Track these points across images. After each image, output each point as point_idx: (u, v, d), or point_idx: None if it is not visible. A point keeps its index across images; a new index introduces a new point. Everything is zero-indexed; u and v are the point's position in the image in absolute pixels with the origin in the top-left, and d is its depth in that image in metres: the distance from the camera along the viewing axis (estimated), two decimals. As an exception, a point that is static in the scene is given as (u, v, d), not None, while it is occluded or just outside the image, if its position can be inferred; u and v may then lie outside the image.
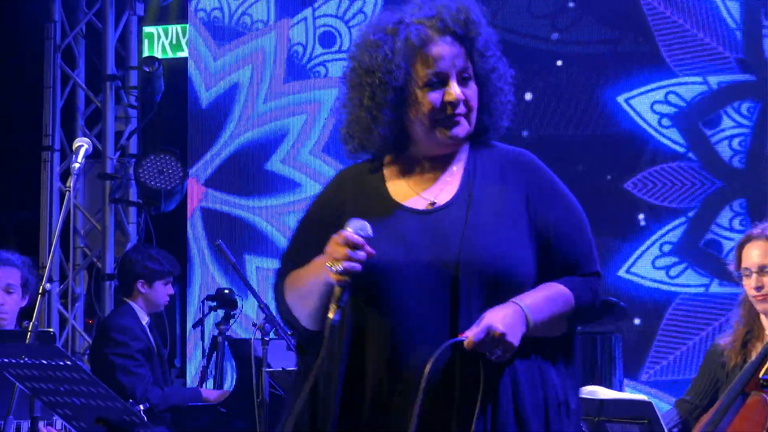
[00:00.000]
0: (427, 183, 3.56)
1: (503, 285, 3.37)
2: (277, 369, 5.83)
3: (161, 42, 9.21)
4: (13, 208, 9.17)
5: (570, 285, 3.39)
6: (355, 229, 3.30)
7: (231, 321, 7.61)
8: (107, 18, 8.86)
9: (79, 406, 4.25)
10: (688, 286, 8.31)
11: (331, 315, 3.30)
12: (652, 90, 8.40)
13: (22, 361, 4.36)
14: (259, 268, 8.99)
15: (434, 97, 3.44)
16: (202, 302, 8.38)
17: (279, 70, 8.98)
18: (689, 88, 8.33)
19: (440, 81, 3.44)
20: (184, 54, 9.14)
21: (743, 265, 5.10)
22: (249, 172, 9.03)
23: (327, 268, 3.25)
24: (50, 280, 8.07)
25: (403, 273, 3.46)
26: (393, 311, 3.44)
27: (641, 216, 8.32)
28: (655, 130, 8.38)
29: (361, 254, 3.30)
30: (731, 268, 5.43)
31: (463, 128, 3.45)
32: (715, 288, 8.13)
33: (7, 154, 9.12)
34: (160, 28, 9.17)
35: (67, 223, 8.48)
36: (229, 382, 7.81)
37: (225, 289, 7.93)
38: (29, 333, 5.31)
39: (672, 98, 8.38)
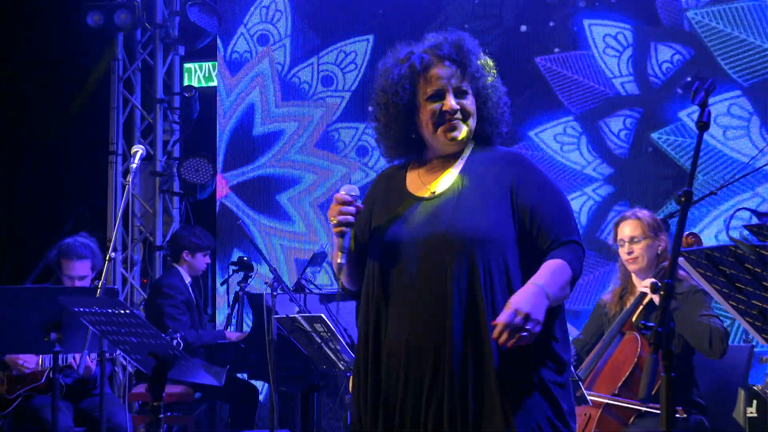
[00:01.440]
0: (434, 177, 3.57)
1: (483, 246, 3.35)
2: (282, 316, 5.84)
3: (197, 75, 9.22)
4: (88, 198, 9.14)
5: (563, 257, 3.34)
6: (345, 190, 3.44)
7: (248, 280, 7.66)
8: (157, 56, 8.84)
9: (135, 344, 4.31)
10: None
11: (338, 260, 3.48)
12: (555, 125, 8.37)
13: (93, 310, 4.40)
14: (273, 236, 9.03)
15: (434, 107, 3.47)
16: (228, 267, 8.48)
17: (278, 93, 8.99)
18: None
19: (439, 95, 3.47)
20: (214, 83, 9.16)
21: (618, 237, 5.18)
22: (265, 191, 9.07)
23: (331, 225, 3.39)
24: (114, 249, 8.06)
25: (405, 246, 3.49)
26: (402, 273, 3.45)
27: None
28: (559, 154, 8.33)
29: (351, 209, 3.44)
30: (610, 241, 5.53)
31: (459, 131, 3.49)
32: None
33: (83, 158, 9.10)
34: (196, 64, 9.17)
35: (127, 209, 8.58)
36: (247, 326, 7.80)
37: (244, 256, 8.03)
38: (99, 289, 5.39)
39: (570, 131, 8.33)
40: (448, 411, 3.27)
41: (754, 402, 6.23)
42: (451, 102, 3.43)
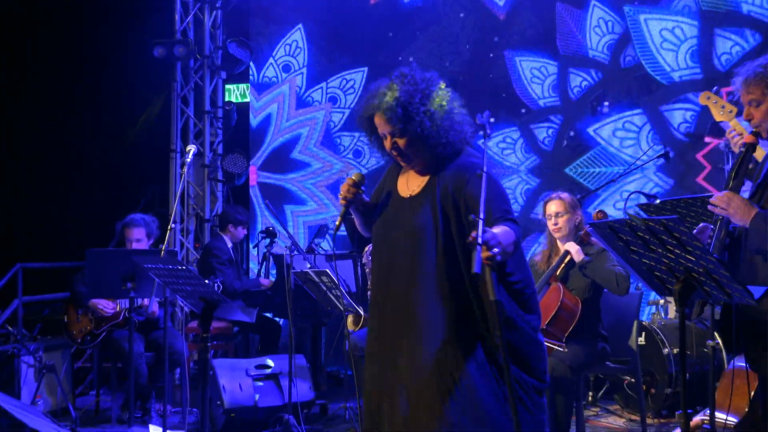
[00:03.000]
0: (414, 182, 3.50)
1: (434, 233, 3.34)
2: (297, 270, 5.83)
3: (234, 93, 9.19)
4: (155, 185, 9.15)
5: (508, 225, 3.24)
6: (356, 178, 3.50)
7: (273, 245, 7.67)
8: (205, 80, 8.80)
9: (189, 291, 4.33)
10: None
11: (337, 223, 3.54)
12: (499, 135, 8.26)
13: (158, 267, 4.41)
14: (292, 213, 9.00)
15: (386, 142, 3.43)
16: (258, 234, 8.48)
17: (292, 108, 8.97)
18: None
19: (384, 136, 3.41)
20: (247, 100, 9.12)
21: (546, 213, 5.16)
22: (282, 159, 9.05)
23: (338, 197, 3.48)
24: (174, 222, 8.07)
25: (386, 236, 3.52)
26: (382, 257, 3.51)
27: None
28: (499, 156, 8.28)
29: (353, 190, 3.46)
30: (541, 216, 5.52)
31: (405, 161, 3.46)
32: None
33: (151, 154, 9.08)
34: (233, 85, 9.15)
35: (183, 192, 8.57)
36: (272, 278, 7.80)
37: (270, 226, 8.04)
38: (162, 251, 5.40)
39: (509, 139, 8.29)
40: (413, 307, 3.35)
41: (643, 333, 6.28)
42: (386, 143, 3.38)
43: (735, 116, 4.31)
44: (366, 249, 6.09)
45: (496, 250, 2.86)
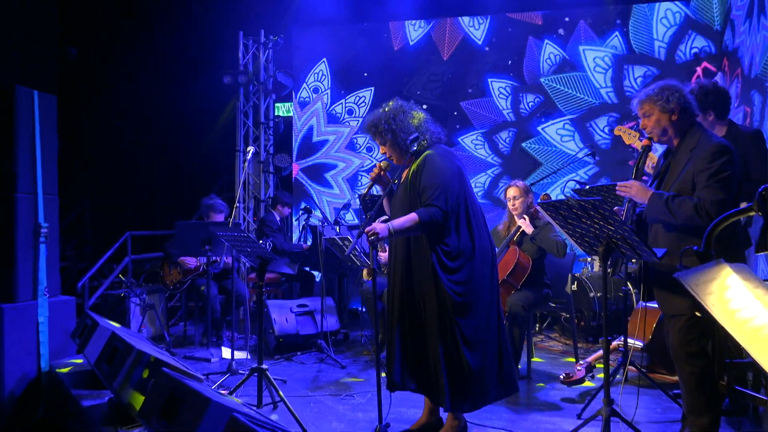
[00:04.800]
0: (405, 173, 3.51)
1: (410, 209, 3.34)
2: (327, 237, 5.83)
3: (282, 109, 9.10)
4: (225, 175, 9.14)
5: (418, 211, 3.28)
6: (383, 165, 3.53)
7: (309, 218, 7.66)
8: (261, 99, 8.74)
9: (249, 251, 4.31)
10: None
11: (365, 191, 3.58)
12: (471, 135, 8.20)
13: (227, 234, 4.40)
14: (323, 196, 8.92)
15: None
16: (299, 210, 8.46)
17: (323, 121, 8.87)
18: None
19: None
20: (290, 114, 9.02)
21: (507, 196, 5.12)
22: (318, 173, 8.97)
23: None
24: (239, 202, 8.08)
25: (393, 210, 3.56)
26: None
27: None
28: (473, 151, 8.18)
29: (377, 171, 3.49)
30: (502, 197, 5.49)
31: (392, 159, 3.52)
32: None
33: (222, 154, 9.05)
34: (281, 104, 9.06)
35: (245, 180, 8.55)
36: (309, 243, 7.79)
37: (307, 206, 7.99)
38: (230, 223, 5.38)
39: (477, 140, 8.19)
40: (412, 267, 3.43)
41: (576, 282, 6.27)
42: (381, 151, 3.50)
43: (637, 138, 4.42)
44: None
45: (372, 238, 3.18)
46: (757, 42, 5.99)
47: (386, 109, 3.48)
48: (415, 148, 3.41)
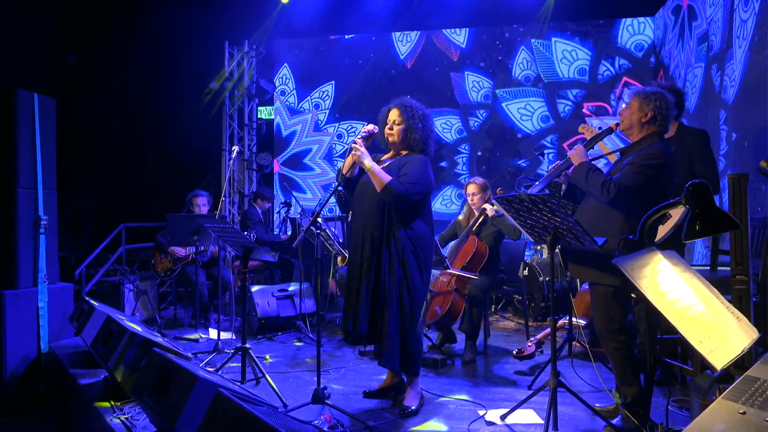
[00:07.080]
0: (387, 158, 3.54)
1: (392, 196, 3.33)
2: (304, 227, 5.78)
3: (264, 112, 9.01)
4: (212, 171, 9.02)
5: (392, 180, 3.34)
6: (362, 133, 3.48)
7: (289, 212, 7.59)
8: (245, 103, 8.66)
9: (234, 241, 4.27)
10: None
11: (345, 171, 3.51)
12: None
13: (213, 225, 4.35)
14: (308, 179, 8.86)
15: (386, 129, 3.48)
16: (280, 204, 8.39)
17: (310, 127, 8.78)
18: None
19: (388, 122, 3.46)
20: (271, 117, 8.93)
21: (467, 192, 5.12)
22: (297, 161, 8.89)
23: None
24: (224, 196, 7.98)
25: (362, 193, 3.50)
26: (356, 209, 3.51)
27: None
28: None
29: (355, 146, 3.42)
30: (464, 193, 5.48)
31: (391, 138, 3.49)
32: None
33: (210, 152, 8.92)
34: (263, 107, 8.98)
35: (230, 176, 8.45)
36: (288, 233, 7.75)
37: (287, 200, 7.93)
38: (216, 215, 5.32)
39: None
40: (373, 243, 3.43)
41: (527, 268, 6.32)
42: (387, 129, 3.48)
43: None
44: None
45: (356, 153, 3.30)
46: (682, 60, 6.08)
47: (420, 107, 3.51)
48: (420, 149, 3.48)
